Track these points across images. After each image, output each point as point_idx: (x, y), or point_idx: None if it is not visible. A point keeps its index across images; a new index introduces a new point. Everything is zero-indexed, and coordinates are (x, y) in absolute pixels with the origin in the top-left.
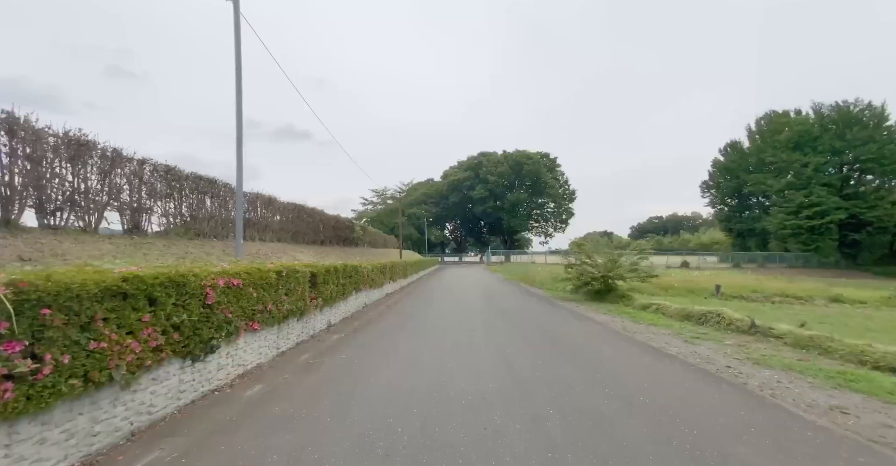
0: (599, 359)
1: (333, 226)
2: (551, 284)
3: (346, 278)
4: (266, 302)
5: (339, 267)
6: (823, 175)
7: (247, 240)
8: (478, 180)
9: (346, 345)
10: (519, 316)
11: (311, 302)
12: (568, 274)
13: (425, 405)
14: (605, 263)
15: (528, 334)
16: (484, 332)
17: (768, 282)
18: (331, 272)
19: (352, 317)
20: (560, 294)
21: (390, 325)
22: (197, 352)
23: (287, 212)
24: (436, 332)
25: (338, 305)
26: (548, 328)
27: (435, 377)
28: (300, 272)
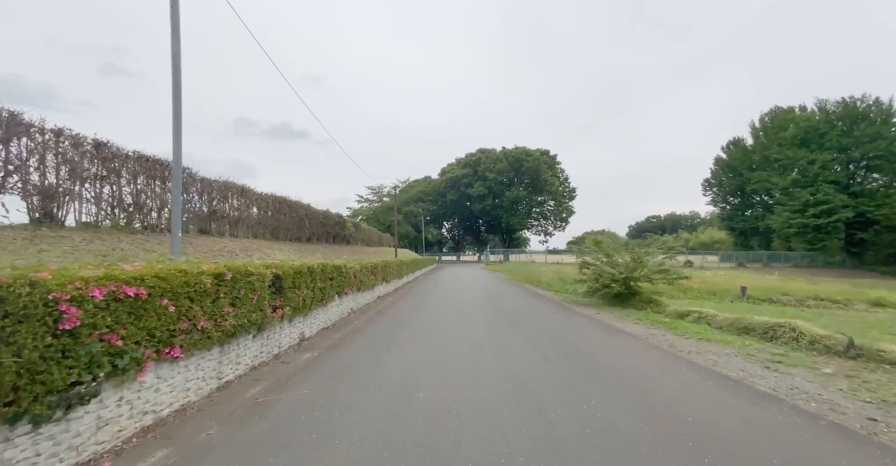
0: (660, 396)
1: (322, 222)
2: (559, 285)
3: (325, 280)
4: (195, 318)
5: (314, 268)
6: (830, 173)
7: (211, 235)
8: (476, 177)
9: (317, 370)
10: (533, 326)
11: (275, 313)
12: (582, 275)
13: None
14: (628, 263)
15: (549, 353)
16: (493, 350)
17: (794, 284)
18: (303, 274)
19: (333, 327)
20: (572, 298)
21: (378, 338)
22: (40, 410)
23: (266, 205)
24: (433, 349)
25: (315, 313)
26: (573, 345)
27: (434, 428)
28: (256, 275)
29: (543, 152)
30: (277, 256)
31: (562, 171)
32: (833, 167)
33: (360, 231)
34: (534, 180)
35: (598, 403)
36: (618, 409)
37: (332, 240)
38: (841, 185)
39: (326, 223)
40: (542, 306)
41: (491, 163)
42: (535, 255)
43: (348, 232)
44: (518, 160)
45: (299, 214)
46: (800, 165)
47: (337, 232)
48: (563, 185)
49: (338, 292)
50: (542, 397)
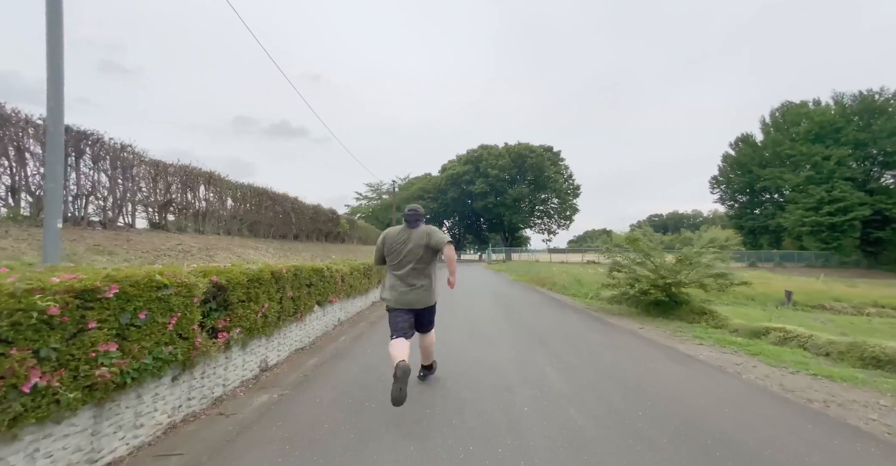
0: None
1: (312, 218)
2: (576, 288)
3: (300, 287)
4: (16, 374)
5: (282, 273)
6: (846, 169)
7: (167, 230)
8: (478, 173)
9: (267, 431)
10: (570, 349)
11: (217, 339)
12: (611, 279)
13: None
14: (672, 264)
15: (611, 398)
16: (530, 395)
17: (837, 287)
18: (264, 282)
19: (311, 347)
20: (597, 304)
21: (365, 367)
22: None
23: (243, 197)
24: (439, 394)
25: (285, 331)
26: (638, 383)
27: None
28: (176, 287)
29: (547, 148)
30: (251, 255)
31: (566, 167)
32: (849, 163)
33: (356, 229)
34: (537, 176)
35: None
36: None
37: (325, 238)
38: (857, 182)
39: (317, 219)
40: (569, 317)
41: (493, 159)
42: (538, 254)
43: (342, 229)
44: (521, 156)
45: (285, 208)
46: (814, 161)
47: (329, 229)
48: (567, 182)
49: (319, 301)
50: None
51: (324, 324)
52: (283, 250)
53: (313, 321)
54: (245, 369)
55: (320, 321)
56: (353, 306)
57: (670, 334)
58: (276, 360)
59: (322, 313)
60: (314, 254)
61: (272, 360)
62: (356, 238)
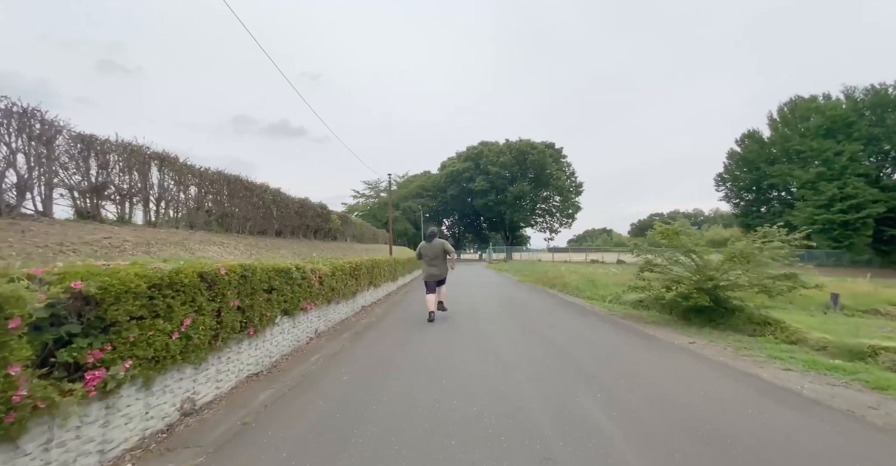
0: None
1: (298, 212)
2: (590, 290)
3: (253, 294)
4: None
5: (218, 275)
6: (859, 165)
7: (98, 220)
8: (478, 170)
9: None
10: (615, 377)
11: (86, 383)
12: (641, 281)
13: None
14: (720, 263)
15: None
16: None
17: (887, 290)
18: (185, 289)
19: (271, 372)
20: (621, 310)
21: (337, 408)
22: None
23: (210, 185)
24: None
25: (231, 353)
26: (748, 444)
27: None
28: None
29: (549, 145)
30: (211, 253)
31: (568, 165)
32: (862, 159)
33: (349, 226)
34: (539, 174)
35: None
36: None
37: (313, 235)
38: (870, 178)
39: (304, 214)
40: (596, 327)
41: (494, 156)
42: (539, 254)
43: (333, 226)
44: (522, 153)
45: (264, 200)
46: (825, 156)
47: (319, 226)
48: (569, 179)
49: (287, 309)
50: None
51: (293, 338)
52: (256, 248)
53: (277, 335)
54: (151, 417)
55: (288, 335)
56: (336, 313)
57: (734, 352)
58: (212, 395)
59: (291, 324)
60: (296, 252)
61: (205, 396)
62: (350, 236)
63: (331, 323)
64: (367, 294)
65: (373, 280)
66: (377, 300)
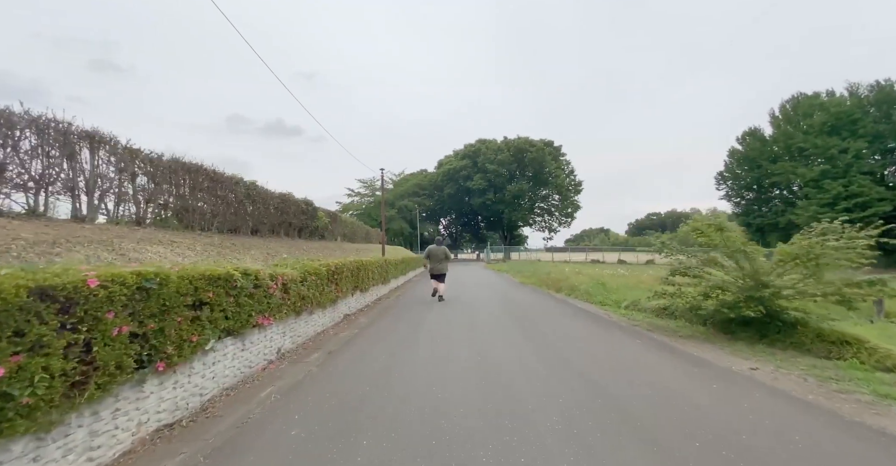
0: None
1: (279, 208)
2: (601, 294)
3: (164, 315)
4: None
5: (77, 286)
6: (864, 163)
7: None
8: (476, 169)
9: None
10: (686, 438)
11: None
12: (669, 286)
13: None
14: (774, 265)
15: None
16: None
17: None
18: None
19: (191, 423)
20: (641, 318)
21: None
22: None
23: (165, 175)
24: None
25: (117, 402)
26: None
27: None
28: None
29: (547, 143)
30: (150, 255)
31: (567, 163)
32: (868, 157)
33: (339, 224)
34: (537, 172)
35: None
36: None
37: (298, 233)
38: (875, 176)
39: (286, 211)
40: (624, 343)
41: (491, 154)
42: (540, 253)
43: (320, 224)
44: (520, 151)
45: (237, 195)
46: (829, 154)
47: (304, 223)
48: (568, 178)
49: (231, 328)
50: None
51: (243, 364)
52: (220, 248)
53: (213, 364)
54: None
55: (234, 362)
56: (308, 325)
57: (819, 385)
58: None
59: (239, 346)
60: (272, 252)
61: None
62: (340, 235)
63: (301, 339)
64: (352, 301)
65: (359, 284)
66: (364, 305)
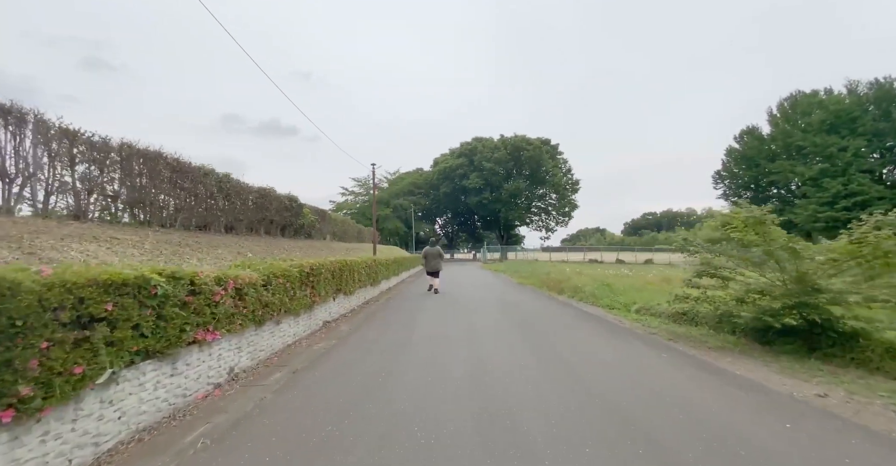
0: None
1: (257, 204)
2: (608, 296)
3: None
4: None
5: None
6: (863, 161)
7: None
8: (472, 167)
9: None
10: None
11: None
12: (691, 289)
13: None
14: (823, 264)
15: None
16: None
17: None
18: None
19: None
20: (657, 324)
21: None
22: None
23: (114, 162)
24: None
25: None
26: None
27: None
28: None
29: (544, 141)
30: (73, 253)
31: (564, 161)
32: (867, 155)
33: (328, 222)
34: (534, 170)
35: None
36: None
37: (281, 231)
38: (875, 174)
39: (266, 207)
40: (651, 360)
41: (488, 152)
42: (536, 253)
43: (306, 221)
44: (517, 148)
45: (207, 187)
46: (828, 152)
47: (288, 221)
48: (565, 176)
49: (152, 348)
50: None
51: (168, 396)
52: (179, 246)
53: (114, 403)
54: None
55: (151, 394)
56: (274, 337)
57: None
58: None
59: (165, 371)
60: (244, 251)
61: None
62: (329, 234)
63: (264, 354)
64: (333, 305)
65: (342, 287)
66: (349, 310)
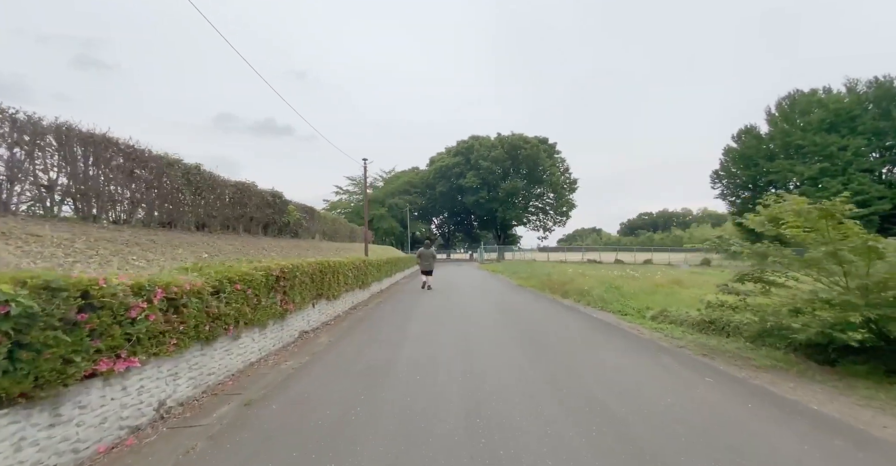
0: None
1: (234, 200)
2: (618, 301)
3: None
4: None
5: None
6: (864, 160)
7: None
8: (469, 166)
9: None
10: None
11: None
12: (733, 296)
13: None
14: None
15: None
16: None
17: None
18: None
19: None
20: (680, 334)
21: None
22: None
23: (47, 145)
24: None
25: None
26: None
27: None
28: None
29: (542, 140)
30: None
31: (562, 160)
32: (868, 154)
33: (317, 220)
34: (532, 169)
35: None
36: None
37: (263, 230)
38: (875, 174)
39: (244, 203)
40: (696, 388)
41: (485, 150)
42: (533, 253)
43: (291, 219)
44: (515, 147)
45: (174, 179)
46: (828, 151)
47: (270, 218)
48: (563, 175)
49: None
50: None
51: (42, 458)
52: (127, 246)
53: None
54: None
55: (11, 459)
56: (229, 356)
57: None
58: None
59: (36, 422)
60: (214, 252)
61: None
62: (319, 233)
63: (213, 378)
64: (313, 312)
65: (324, 291)
66: (334, 316)
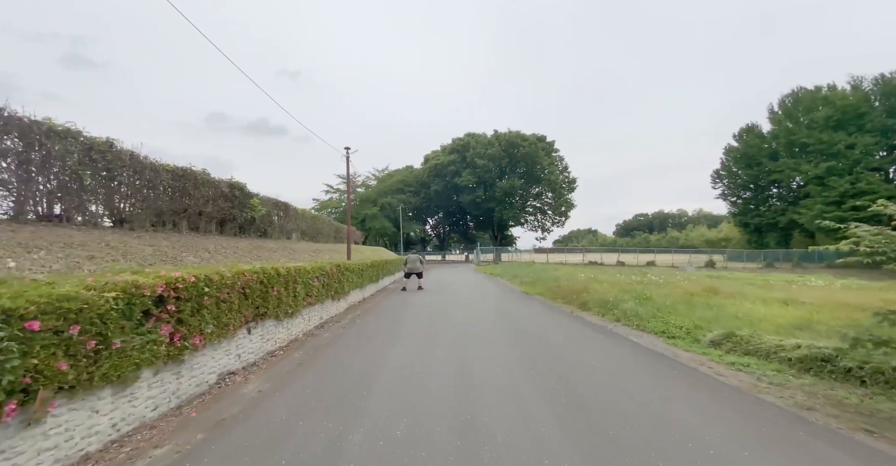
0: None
1: (185, 191)
2: (656, 317)
3: None
4: None
5: None
6: (872, 159)
7: None
8: (464, 164)
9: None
10: None
11: None
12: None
13: None
14: None
15: None
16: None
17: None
18: None
19: None
20: (770, 373)
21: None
22: None
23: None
24: None
25: None
26: None
27: None
28: None
29: (540, 138)
30: None
31: (560, 159)
32: (876, 152)
33: (293, 218)
34: (530, 168)
35: None
36: None
37: (219, 228)
38: (884, 172)
39: (194, 196)
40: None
41: (481, 148)
42: (530, 254)
43: (256, 215)
44: (512, 145)
45: (67, 157)
46: (835, 150)
47: (228, 214)
48: (562, 174)
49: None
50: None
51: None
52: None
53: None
54: None
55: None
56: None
57: None
58: None
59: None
60: (122, 257)
61: None
62: (296, 232)
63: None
64: (245, 342)
65: (268, 310)
66: (286, 342)
